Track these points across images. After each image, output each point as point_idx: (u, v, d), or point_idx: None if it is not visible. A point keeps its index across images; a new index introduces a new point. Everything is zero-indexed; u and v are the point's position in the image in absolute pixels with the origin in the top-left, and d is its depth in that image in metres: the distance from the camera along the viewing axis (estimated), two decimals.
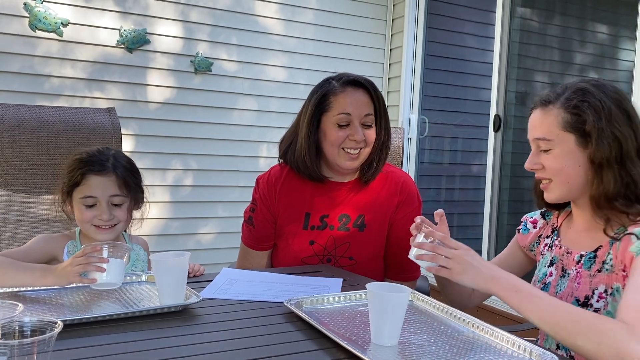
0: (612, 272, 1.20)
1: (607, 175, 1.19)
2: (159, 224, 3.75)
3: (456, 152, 4.87)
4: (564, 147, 1.23)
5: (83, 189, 1.56)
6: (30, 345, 0.83)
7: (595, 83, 1.26)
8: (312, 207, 1.77)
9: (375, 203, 1.78)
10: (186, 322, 1.18)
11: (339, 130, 1.69)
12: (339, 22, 4.24)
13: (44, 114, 2.02)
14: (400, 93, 4.36)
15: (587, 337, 0.97)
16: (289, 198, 1.79)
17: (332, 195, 1.78)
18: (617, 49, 3.83)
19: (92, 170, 1.57)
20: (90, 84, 3.53)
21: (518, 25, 3.76)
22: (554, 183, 1.27)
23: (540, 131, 1.27)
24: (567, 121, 1.23)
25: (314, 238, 1.76)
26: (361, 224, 1.76)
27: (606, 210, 1.21)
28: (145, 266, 1.71)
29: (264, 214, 1.81)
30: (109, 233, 1.59)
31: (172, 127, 3.76)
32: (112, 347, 1.02)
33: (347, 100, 1.69)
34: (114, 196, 1.58)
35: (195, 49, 3.79)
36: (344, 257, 1.75)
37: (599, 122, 1.19)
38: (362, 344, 1.06)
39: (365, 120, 1.70)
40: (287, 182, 1.80)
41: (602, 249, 1.24)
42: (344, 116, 1.68)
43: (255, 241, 1.84)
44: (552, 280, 1.35)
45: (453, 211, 4.84)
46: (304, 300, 1.28)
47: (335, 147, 1.70)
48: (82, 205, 1.57)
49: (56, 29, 3.39)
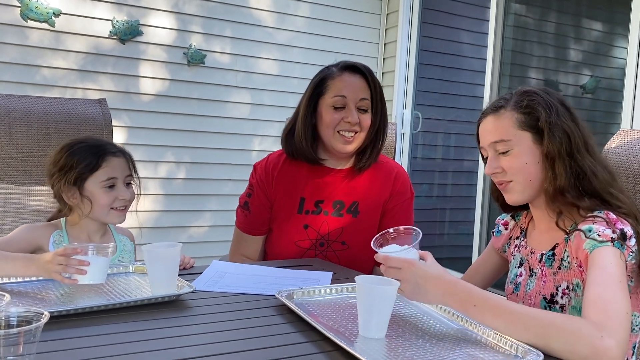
0: (570, 269, 1.24)
1: (559, 167, 1.24)
2: (152, 217, 3.74)
3: (449, 148, 4.88)
4: (523, 145, 1.28)
5: (104, 171, 1.57)
6: (17, 335, 0.82)
7: (538, 87, 1.34)
8: (307, 193, 1.81)
9: (369, 191, 1.81)
10: (178, 313, 1.18)
11: (334, 112, 1.72)
12: (333, 15, 4.23)
13: (34, 105, 2.01)
14: (394, 88, 4.36)
15: (560, 339, 0.98)
16: (285, 183, 1.82)
17: (327, 181, 1.81)
18: (611, 46, 3.85)
19: (109, 152, 1.60)
20: (82, 75, 3.50)
21: (512, 22, 3.76)
22: (515, 183, 1.30)
23: (496, 134, 1.31)
24: (522, 120, 1.29)
25: (308, 222, 1.79)
26: (355, 210, 1.79)
27: (558, 204, 1.26)
28: (131, 257, 1.71)
29: (261, 199, 1.83)
30: (123, 215, 1.62)
31: (165, 120, 3.74)
32: (103, 338, 1.02)
33: (343, 83, 1.73)
34: (128, 176, 1.63)
35: (188, 40, 3.77)
36: (337, 241, 1.78)
37: (549, 117, 1.26)
38: (350, 336, 1.06)
39: (360, 104, 1.73)
40: (284, 168, 1.84)
41: (558, 247, 1.28)
42: (339, 98, 1.72)
43: (251, 226, 1.85)
44: (522, 280, 1.38)
45: (445, 206, 4.86)
46: (296, 292, 1.29)
47: (330, 129, 1.73)
48: (102, 189, 1.57)
49: (48, 19, 3.37)
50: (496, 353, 1.00)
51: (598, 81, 3.76)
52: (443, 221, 4.86)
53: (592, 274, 1.11)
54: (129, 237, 1.76)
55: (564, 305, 1.25)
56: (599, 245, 1.14)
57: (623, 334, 0.98)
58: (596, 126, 3.76)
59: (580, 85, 3.85)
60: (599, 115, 3.81)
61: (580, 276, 1.21)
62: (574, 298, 1.24)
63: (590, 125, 4.40)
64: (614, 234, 1.14)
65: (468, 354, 0.99)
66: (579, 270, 1.21)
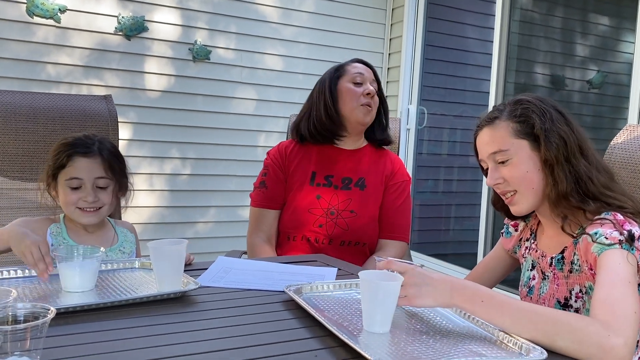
0: (582, 272, 1.24)
1: (558, 173, 1.24)
2: (156, 213, 3.75)
3: (455, 144, 4.87)
4: (522, 153, 1.28)
5: (69, 170, 1.57)
6: (24, 330, 0.83)
7: (531, 95, 1.34)
8: (318, 168, 2.00)
9: (373, 168, 2.03)
10: (185, 309, 1.18)
11: (355, 87, 1.96)
12: (338, 11, 4.22)
13: (40, 101, 2.02)
14: (399, 83, 4.35)
15: (567, 337, 0.97)
16: (297, 160, 2.03)
17: (336, 159, 2.02)
18: (618, 41, 3.82)
19: (78, 152, 1.58)
20: (88, 72, 3.51)
21: (518, 16, 3.74)
22: (520, 193, 1.30)
23: (494, 145, 1.31)
24: (517, 129, 1.29)
25: (320, 193, 1.97)
26: (362, 184, 1.99)
27: (562, 208, 1.26)
28: (133, 247, 1.72)
29: (276, 173, 2.02)
30: (93, 216, 1.59)
31: (170, 116, 3.75)
32: (109, 334, 1.02)
33: (358, 68, 2.02)
34: (100, 178, 1.59)
35: (193, 36, 3.77)
36: (346, 210, 1.94)
37: (544, 123, 1.26)
38: (354, 330, 1.06)
39: (373, 85, 2.01)
40: (296, 149, 2.05)
41: (567, 250, 1.28)
42: (358, 75, 1.99)
43: (268, 200, 2.00)
44: (535, 283, 1.38)
45: (451, 202, 4.85)
46: (304, 286, 1.29)
47: (354, 101, 1.95)
48: (67, 188, 1.57)
49: (53, 15, 3.38)
50: (499, 350, 1.00)
51: (605, 76, 3.74)
52: (448, 217, 4.86)
53: (600, 276, 1.11)
54: (130, 229, 1.77)
55: (579, 308, 1.25)
56: (607, 248, 1.13)
57: (631, 334, 0.98)
58: (603, 121, 3.75)
59: (587, 80, 3.83)
60: (605, 111, 3.78)
61: (592, 279, 1.21)
62: (588, 301, 1.23)
63: (597, 121, 4.39)
64: (621, 236, 1.13)
65: (471, 350, 0.99)
66: (590, 274, 1.21)
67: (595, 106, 3.81)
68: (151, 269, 1.41)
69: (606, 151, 1.59)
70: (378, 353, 0.95)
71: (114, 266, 1.47)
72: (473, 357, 0.93)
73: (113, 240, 1.68)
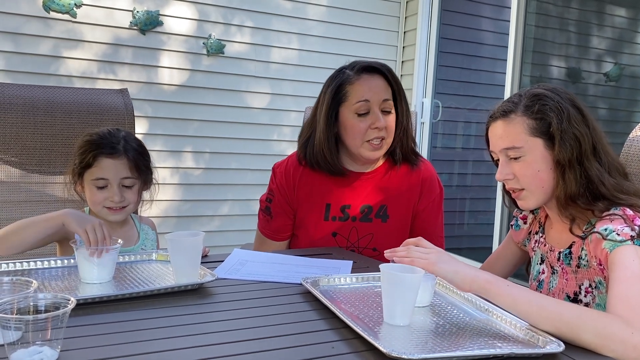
0: (590, 268, 1.23)
1: (569, 175, 1.22)
2: (172, 206, 3.77)
3: (469, 137, 4.83)
4: (535, 152, 1.25)
5: (94, 171, 1.58)
6: (45, 320, 0.84)
7: (548, 87, 1.29)
8: (333, 198, 1.74)
9: (397, 193, 1.76)
10: (202, 301, 1.19)
11: (359, 120, 1.65)
12: (352, 4, 4.20)
13: (57, 95, 2.04)
14: (413, 76, 4.33)
15: (591, 331, 0.97)
16: (308, 188, 1.76)
17: (353, 185, 1.75)
18: (636, 33, 3.77)
19: (104, 152, 1.58)
20: (103, 66, 3.54)
21: (534, 8, 3.70)
22: (528, 191, 1.28)
23: (507, 141, 1.28)
24: (533, 127, 1.25)
25: (336, 229, 1.74)
26: (384, 215, 1.74)
27: (571, 210, 1.25)
28: (154, 245, 1.73)
29: (282, 206, 1.78)
30: (119, 214, 1.61)
31: (185, 110, 3.77)
32: (128, 324, 1.04)
33: (364, 87, 1.65)
34: (125, 178, 1.60)
35: (207, 31, 3.78)
36: (368, 248, 1.75)
37: (561, 123, 1.22)
38: (374, 323, 1.07)
39: (384, 106, 1.67)
40: (306, 172, 1.77)
41: (575, 245, 1.27)
42: (362, 104, 1.64)
43: (273, 232, 1.82)
44: (544, 277, 1.38)
45: (465, 196, 4.82)
46: (321, 279, 1.30)
47: (358, 140, 1.66)
48: (93, 187, 1.58)
49: (70, 10, 3.40)
50: (517, 342, 1.00)
51: (622, 69, 3.69)
52: (463, 211, 4.83)
53: (615, 273, 1.10)
54: (151, 226, 1.78)
55: (589, 303, 1.25)
56: (619, 244, 1.12)
57: None
58: (619, 115, 3.70)
59: (604, 72, 3.78)
60: (622, 104, 3.74)
61: (601, 274, 1.21)
62: (598, 295, 1.24)
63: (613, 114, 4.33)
64: (633, 232, 1.12)
65: (487, 342, 0.99)
66: (599, 269, 1.20)
67: (611, 99, 3.76)
68: (168, 261, 1.42)
69: (624, 144, 1.57)
70: (393, 344, 0.96)
71: (131, 258, 1.48)
72: (488, 349, 0.93)
73: (135, 239, 1.70)
